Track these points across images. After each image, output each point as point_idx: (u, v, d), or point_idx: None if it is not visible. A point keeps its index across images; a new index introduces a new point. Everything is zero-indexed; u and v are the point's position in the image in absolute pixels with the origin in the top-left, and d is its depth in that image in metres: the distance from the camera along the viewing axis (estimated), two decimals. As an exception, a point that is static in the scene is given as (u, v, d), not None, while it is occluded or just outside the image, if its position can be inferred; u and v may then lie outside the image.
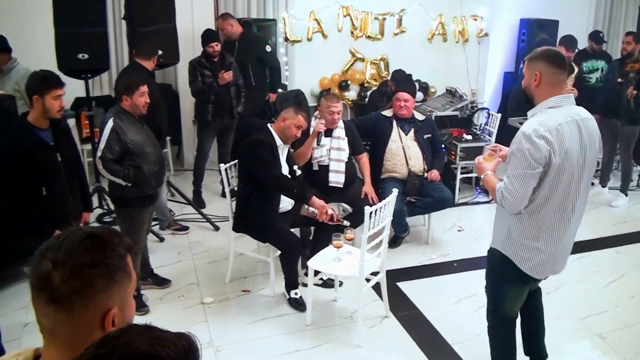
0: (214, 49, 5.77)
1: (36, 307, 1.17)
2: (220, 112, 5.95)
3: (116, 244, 1.20)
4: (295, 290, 4.30)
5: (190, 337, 0.97)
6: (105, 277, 1.16)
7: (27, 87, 3.38)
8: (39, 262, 1.15)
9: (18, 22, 6.17)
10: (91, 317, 1.16)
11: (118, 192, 4.01)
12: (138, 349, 0.88)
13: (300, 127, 4.26)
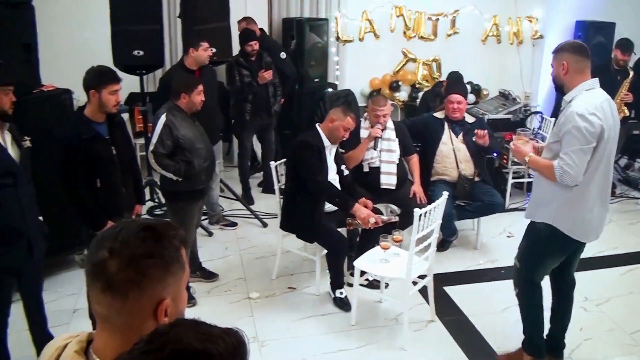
0: (252, 48, 5.82)
1: (91, 294, 1.20)
2: (258, 111, 5.98)
3: (172, 236, 1.22)
4: (341, 289, 4.31)
5: (239, 333, 0.97)
6: (160, 268, 1.18)
7: (84, 82, 3.45)
8: (95, 251, 1.18)
9: (77, 19, 6.36)
10: (145, 306, 1.18)
11: (169, 186, 4.12)
12: (189, 345, 0.89)
13: (348, 129, 4.24)
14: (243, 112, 5.95)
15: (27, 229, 3.26)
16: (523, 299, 3.56)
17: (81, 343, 1.24)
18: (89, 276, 1.19)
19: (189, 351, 0.89)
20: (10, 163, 3.15)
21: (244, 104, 5.92)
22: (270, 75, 5.82)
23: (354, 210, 4.07)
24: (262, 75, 5.75)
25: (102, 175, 3.52)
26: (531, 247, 3.44)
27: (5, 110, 3.09)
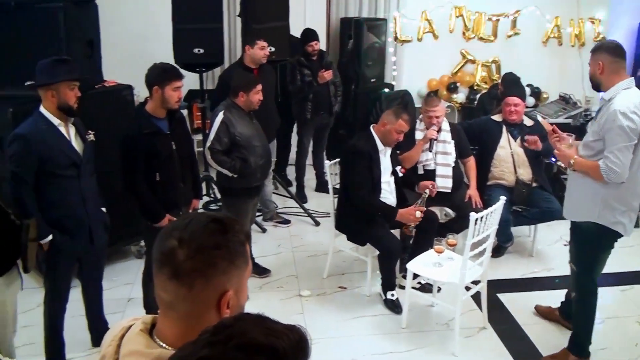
0: (313, 48, 5.87)
1: (157, 281, 1.23)
2: (318, 110, 6.02)
3: (237, 230, 1.24)
4: (392, 291, 4.29)
5: (302, 330, 0.98)
6: (225, 260, 1.20)
7: (147, 78, 3.53)
8: (164, 240, 1.21)
9: (139, 17, 6.52)
10: (209, 296, 1.20)
11: (225, 182, 4.19)
12: (254, 339, 0.90)
13: (401, 132, 4.20)
14: (304, 111, 6.00)
15: (89, 219, 3.37)
16: (580, 301, 3.60)
17: (146, 324, 1.29)
18: (158, 263, 1.22)
19: (254, 345, 0.89)
20: (74, 156, 3.26)
21: (304, 103, 5.97)
22: (330, 75, 5.84)
23: (398, 218, 4.08)
24: (322, 75, 5.78)
25: (162, 170, 3.60)
26: (582, 248, 3.52)
27: (71, 105, 3.19)
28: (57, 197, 3.25)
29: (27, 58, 3.73)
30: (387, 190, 4.30)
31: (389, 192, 4.32)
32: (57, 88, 3.14)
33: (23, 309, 3.18)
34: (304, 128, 6.20)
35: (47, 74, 3.14)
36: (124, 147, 3.54)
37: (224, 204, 4.40)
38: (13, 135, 3.15)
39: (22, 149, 3.10)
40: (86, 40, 4.26)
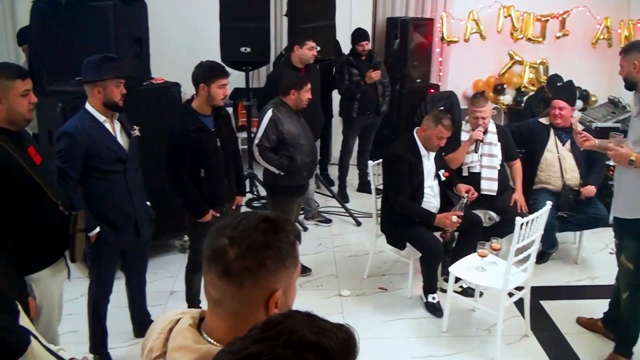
0: (363, 48, 5.87)
1: (207, 278, 1.25)
2: (365, 110, 6.00)
3: (288, 231, 1.25)
4: (433, 294, 4.25)
5: (350, 329, 0.97)
6: (275, 260, 1.21)
7: (194, 76, 3.57)
8: (216, 237, 1.22)
9: (187, 16, 6.61)
10: (257, 296, 1.21)
11: (271, 180, 4.23)
12: (303, 337, 0.90)
13: (442, 138, 4.14)
14: (350, 110, 5.99)
15: (135, 212, 3.44)
16: (631, 300, 3.54)
17: (194, 319, 1.30)
18: (208, 260, 1.23)
19: (303, 342, 0.89)
20: (119, 151, 3.32)
21: (351, 102, 5.96)
22: (378, 76, 5.82)
23: (436, 223, 4.06)
24: (370, 75, 5.77)
25: (207, 166, 3.64)
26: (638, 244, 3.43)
27: (116, 101, 3.25)
28: (104, 191, 3.32)
29: (76, 55, 3.81)
30: (430, 194, 4.26)
31: (433, 195, 4.28)
32: (103, 85, 3.20)
33: (68, 297, 3.25)
34: (349, 127, 6.19)
35: (95, 70, 3.20)
36: (171, 142, 3.59)
37: (269, 202, 4.44)
38: (60, 132, 3.23)
39: (68, 146, 3.17)
40: (135, 38, 4.33)
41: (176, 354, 1.25)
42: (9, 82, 2.65)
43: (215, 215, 3.68)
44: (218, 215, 3.69)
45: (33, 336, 1.64)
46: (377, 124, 6.31)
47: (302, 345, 0.89)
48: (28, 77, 2.74)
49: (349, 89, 5.91)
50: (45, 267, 2.86)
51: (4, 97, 2.63)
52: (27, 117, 2.74)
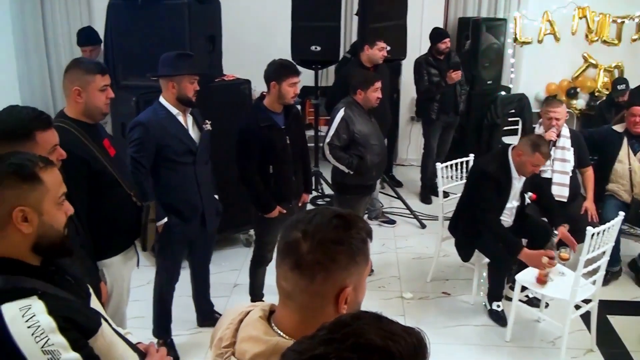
0: (446, 45, 5.80)
1: (279, 271, 1.26)
2: (445, 110, 5.94)
3: (360, 228, 1.25)
4: (498, 302, 4.15)
5: (420, 333, 0.95)
6: (347, 256, 1.21)
7: (266, 73, 3.61)
8: (289, 231, 1.24)
9: (259, 14, 6.69)
10: (328, 290, 1.22)
11: (339, 179, 4.24)
12: (371, 341, 0.89)
13: (538, 166, 3.92)
14: (430, 111, 5.93)
15: (203, 204, 3.51)
16: None
17: (265, 312, 1.32)
18: (281, 253, 1.25)
19: (371, 347, 0.88)
20: (190, 143, 3.40)
21: (431, 103, 5.90)
22: (459, 76, 5.76)
23: (521, 256, 3.79)
24: (451, 76, 5.69)
25: (275, 163, 3.68)
26: None
27: (189, 97, 3.34)
28: (174, 182, 3.41)
29: (151, 51, 3.94)
30: (507, 214, 4.11)
31: (509, 215, 4.13)
32: (178, 80, 3.29)
33: (135, 284, 3.35)
34: (430, 128, 6.11)
35: (170, 66, 3.30)
36: (241, 138, 3.65)
37: (336, 201, 4.44)
38: (133, 122, 3.35)
39: (141, 135, 3.28)
40: (208, 36, 4.43)
41: (246, 344, 1.27)
42: (89, 77, 2.74)
43: (282, 211, 3.72)
44: (284, 211, 3.73)
45: (103, 319, 1.69)
46: (456, 124, 6.22)
47: (369, 349, 0.88)
48: (107, 73, 2.83)
49: (429, 90, 5.84)
50: (118, 253, 2.96)
51: (84, 90, 2.73)
52: (104, 111, 2.83)
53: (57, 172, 1.63)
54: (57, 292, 1.56)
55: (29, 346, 1.41)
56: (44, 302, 1.47)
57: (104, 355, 1.59)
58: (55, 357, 1.42)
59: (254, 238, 4.21)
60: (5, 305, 1.45)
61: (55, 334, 1.43)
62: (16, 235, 1.53)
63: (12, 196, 1.52)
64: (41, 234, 1.56)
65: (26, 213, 1.52)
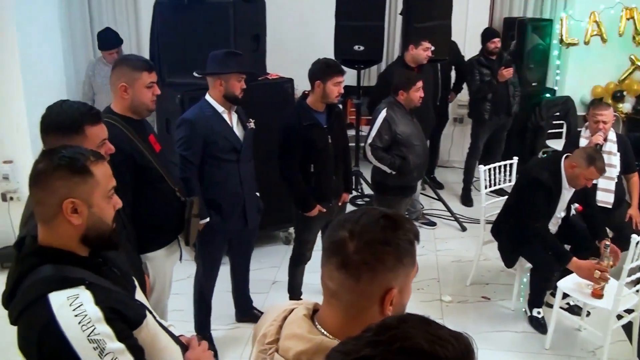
0: (495, 45, 5.73)
1: (325, 269, 1.26)
2: (497, 111, 5.86)
3: (407, 229, 1.24)
4: (539, 309, 4.07)
5: (468, 339, 0.93)
6: (394, 257, 1.20)
7: (310, 72, 3.62)
8: (336, 230, 1.23)
9: (303, 13, 6.70)
10: (374, 291, 1.21)
11: (380, 179, 4.23)
12: (417, 345, 0.87)
13: (590, 180, 3.81)
14: (482, 111, 5.87)
15: (245, 201, 3.54)
16: None
17: (309, 310, 1.32)
18: (327, 252, 1.25)
19: (417, 351, 0.87)
20: (234, 141, 3.44)
21: (483, 103, 5.85)
22: (510, 73, 5.67)
23: (570, 266, 3.69)
24: (502, 73, 5.62)
25: (316, 161, 3.70)
26: None
27: (236, 95, 3.37)
28: (218, 179, 3.45)
29: (196, 50, 4.00)
30: (552, 223, 4.02)
31: (554, 224, 4.05)
32: (226, 78, 3.32)
33: (176, 277, 3.39)
34: (480, 129, 6.04)
35: (219, 64, 3.33)
36: (283, 136, 3.67)
37: (377, 201, 4.44)
38: (180, 119, 3.40)
39: (188, 132, 3.33)
40: (253, 35, 4.45)
41: (289, 341, 1.27)
42: (137, 74, 2.79)
43: (322, 210, 3.73)
44: (324, 210, 3.74)
45: (148, 311, 1.71)
46: (508, 126, 6.13)
47: (416, 353, 0.86)
48: (154, 70, 2.88)
49: (480, 89, 5.79)
50: (161, 247, 3.02)
51: (131, 87, 2.78)
52: (150, 107, 2.88)
53: (107, 166, 1.66)
54: (104, 283, 1.59)
55: (75, 334, 1.43)
56: (91, 292, 1.50)
57: (147, 346, 1.61)
58: (101, 346, 1.44)
59: (293, 236, 4.23)
60: (54, 294, 1.48)
61: (101, 323, 1.46)
62: (66, 226, 1.57)
63: (63, 188, 1.55)
64: (90, 225, 1.59)
65: (76, 205, 1.55)
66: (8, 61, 4.54)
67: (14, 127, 4.70)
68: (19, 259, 1.58)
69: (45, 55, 4.74)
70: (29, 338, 1.48)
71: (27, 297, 1.50)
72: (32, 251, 1.58)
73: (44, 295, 1.48)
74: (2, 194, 4.82)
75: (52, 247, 1.57)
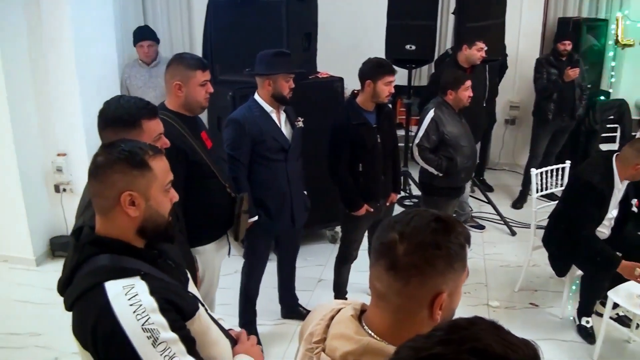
0: (565, 47, 5.63)
1: (374, 271, 1.25)
2: (561, 111, 5.75)
3: (459, 232, 1.22)
4: (588, 318, 3.95)
5: (536, 346, 0.91)
6: (444, 261, 1.19)
7: (361, 71, 3.61)
8: (386, 231, 1.22)
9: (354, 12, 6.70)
10: (423, 295, 1.20)
11: (427, 180, 4.19)
12: (490, 347, 0.86)
13: None
14: (545, 111, 5.77)
15: (292, 200, 3.56)
16: None
17: (356, 310, 1.32)
18: (376, 253, 1.23)
19: (489, 353, 0.86)
20: (282, 141, 3.46)
21: (547, 102, 5.75)
22: (576, 73, 5.54)
23: (620, 269, 3.59)
24: (568, 73, 5.50)
25: (365, 161, 3.69)
26: None
27: (284, 95, 3.39)
28: (265, 178, 3.48)
29: (248, 48, 4.03)
30: (605, 224, 3.90)
31: (607, 226, 3.93)
32: (274, 78, 3.35)
33: (223, 272, 3.42)
34: (541, 129, 5.93)
35: (267, 64, 3.36)
36: (332, 135, 3.67)
37: (424, 202, 4.40)
38: (229, 119, 3.44)
39: (236, 132, 3.36)
40: (304, 34, 4.47)
41: (336, 341, 1.27)
42: (191, 72, 2.84)
43: (369, 210, 3.72)
44: (372, 210, 3.73)
45: (200, 304, 1.74)
46: (570, 129, 6.00)
47: (488, 355, 0.85)
48: (207, 68, 2.92)
49: (545, 89, 5.69)
50: (211, 242, 3.06)
51: (185, 84, 2.83)
52: (203, 104, 2.93)
53: (165, 160, 1.69)
54: (159, 275, 1.61)
55: (130, 323, 1.45)
56: (146, 283, 1.53)
57: (199, 338, 1.63)
58: (155, 335, 1.46)
59: (339, 235, 4.24)
60: (110, 283, 1.51)
61: (156, 313, 1.48)
62: (123, 218, 1.60)
63: (122, 181, 1.58)
64: (147, 218, 1.62)
65: (134, 198, 1.58)
66: (64, 57, 4.68)
67: (68, 121, 4.85)
68: (76, 248, 1.61)
69: (99, 52, 4.86)
70: (84, 324, 1.51)
71: (83, 284, 1.54)
72: (90, 241, 1.61)
73: (101, 283, 1.51)
74: (55, 185, 4.98)
75: (109, 237, 1.60)
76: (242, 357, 1.83)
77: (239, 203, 3.09)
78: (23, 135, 4.65)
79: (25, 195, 4.72)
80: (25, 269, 4.83)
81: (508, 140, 7.11)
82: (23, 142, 4.66)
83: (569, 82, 5.55)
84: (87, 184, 1.72)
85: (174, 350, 1.48)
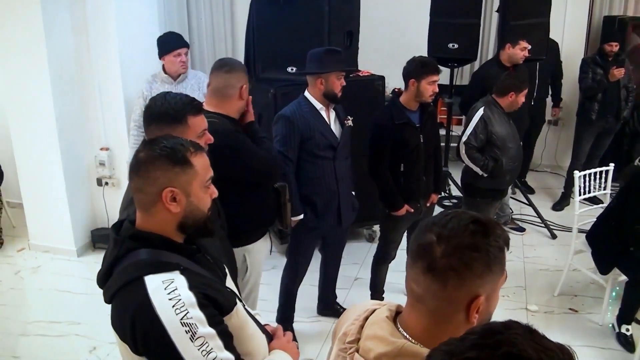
0: (612, 48, 5.51)
1: (411, 272, 1.24)
2: (605, 112, 5.63)
3: (498, 235, 1.20)
4: (628, 325, 3.85)
5: (571, 351, 0.91)
6: (482, 264, 1.17)
7: (405, 70, 3.60)
8: (423, 233, 1.21)
9: (398, 11, 6.66)
10: (460, 298, 1.19)
11: (470, 180, 4.15)
12: (524, 352, 0.86)
13: None
14: (590, 111, 5.67)
15: (339, 200, 3.57)
16: None
17: (391, 312, 1.31)
18: (413, 255, 1.23)
19: (523, 358, 0.85)
20: (331, 139, 3.47)
21: (592, 102, 5.64)
22: (621, 73, 5.42)
23: None
24: (613, 73, 5.39)
25: (407, 161, 3.68)
26: None
27: (336, 93, 3.40)
28: (313, 175, 3.49)
29: (290, 46, 4.04)
30: None
31: None
32: (326, 77, 3.36)
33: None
34: (585, 130, 5.82)
35: (319, 63, 3.37)
36: (374, 134, 3.67)
37: (465, 204, 4.35)
38: (278, 115, 3.45)
39: (285, 129, 3.38)
40: (346, 32, 4.46)
41: (370, 342, 1.27)
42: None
43: (410, 210, 3.70)
44: (412, 210, 3.71)
45: (238, 299, 1.76)
46: (615, 130, 5.86)
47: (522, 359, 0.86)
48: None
49: (590, 88, 5.58)
50: (259, 238, 3.09)
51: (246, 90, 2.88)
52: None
53: (205, 157, 1.71)
54: (198, 270, 1.64)
55: (169, 317, 1.48)
56: (185, 278, 1.55)
57: (236, 333, 1.64)
58: (193, 330, 1.48)
59: (377, 234, 4.22)
60: (150, 277, 1.53)
61: (194, 308, 1.50)
62: (164, 213, 1.62)
63: (163, 177, 1.60)
64: (187, 214, 1.64)
65: (175, 194, 1.61)
66: (108, 53, 4.79)
67: (112, 116, 4.97)
68: (117, 242, 1.64)
69: (143, 48, 4.95)
70: (123, 317, 1.54)
71: (123, 277, 1.57)
72: (130, 235, 1.64)
73: (140, 277, 1.54)
74: (98, 179, 5.11)
75: (150, 232, 1.63)
76: (278, 353, 1.85)
77: (283, 192, 3.10)
78: (67, 129, 4.78)
79: (68, 188, 4.86)
80: (66, 259, 4.97)
81: (550, 141, 6.98)
82: (67, 137, 4.79)
83: (614, 82, 5.44)
84: None
85: (212, 345, 1.50)
